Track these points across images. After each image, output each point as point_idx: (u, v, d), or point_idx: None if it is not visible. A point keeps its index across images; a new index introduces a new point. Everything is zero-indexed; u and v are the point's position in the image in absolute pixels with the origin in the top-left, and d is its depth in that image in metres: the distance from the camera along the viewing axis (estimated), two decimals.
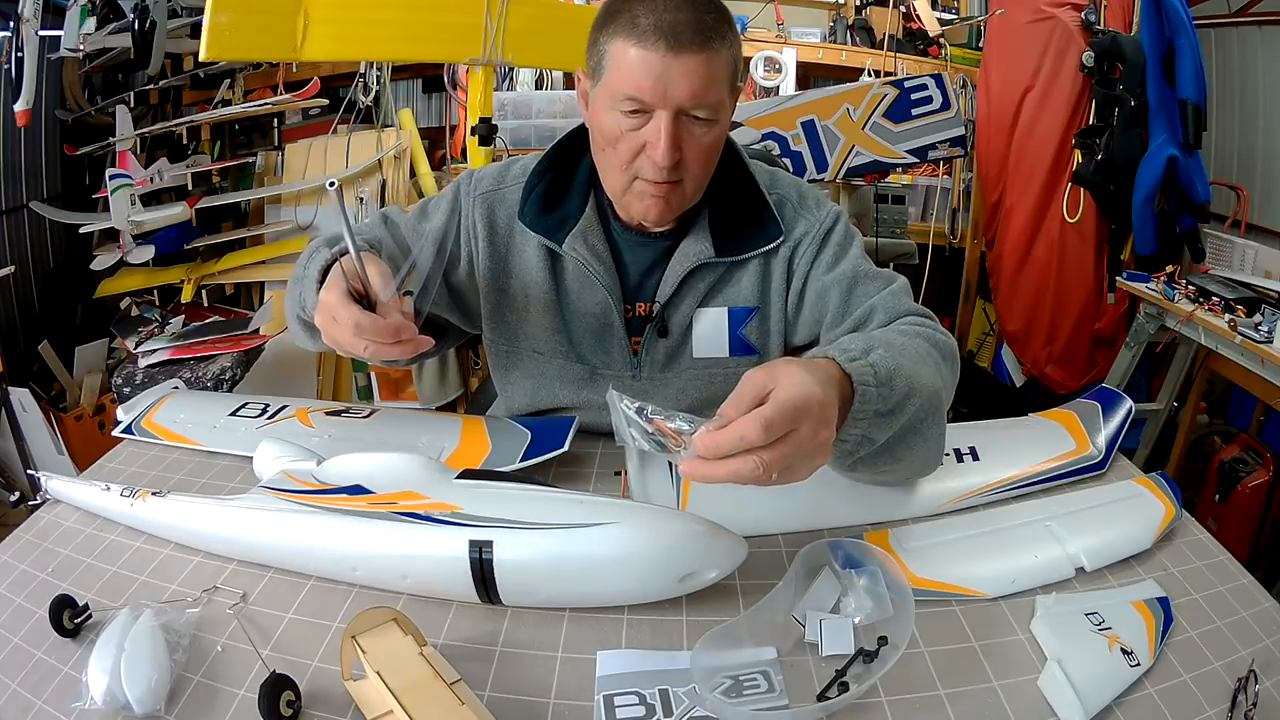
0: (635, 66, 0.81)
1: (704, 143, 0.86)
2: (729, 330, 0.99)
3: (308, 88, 2.73)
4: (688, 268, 0.96)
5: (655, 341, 0.99)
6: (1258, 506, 2.04)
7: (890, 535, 0.80)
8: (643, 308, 0.99)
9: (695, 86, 0.81)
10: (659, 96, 0.81)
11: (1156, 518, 0.82)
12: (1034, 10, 2.68)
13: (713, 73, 0.81)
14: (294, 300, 0.90)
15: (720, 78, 0.83)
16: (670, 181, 0.87)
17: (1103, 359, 2.71)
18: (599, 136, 0.89)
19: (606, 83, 0.85)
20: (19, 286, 2.68)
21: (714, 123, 0.85)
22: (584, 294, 0.98)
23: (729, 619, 0.67)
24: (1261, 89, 2.60)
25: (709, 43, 0.81)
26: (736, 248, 0.97)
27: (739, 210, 0.98)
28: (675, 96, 0.81)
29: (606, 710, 0.61)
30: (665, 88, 0.81)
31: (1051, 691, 0.62)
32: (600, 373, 1.01)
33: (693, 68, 0.80)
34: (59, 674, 0.64)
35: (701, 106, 0.83)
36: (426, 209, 1.04)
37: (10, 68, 2.34)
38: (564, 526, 0.68)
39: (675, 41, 0.79)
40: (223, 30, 1.47)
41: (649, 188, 0.88)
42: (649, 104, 0.82)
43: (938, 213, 3.29)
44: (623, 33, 0.81)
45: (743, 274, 0.99)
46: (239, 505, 0.76)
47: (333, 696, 0.62)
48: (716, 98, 0.83)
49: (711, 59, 0.81)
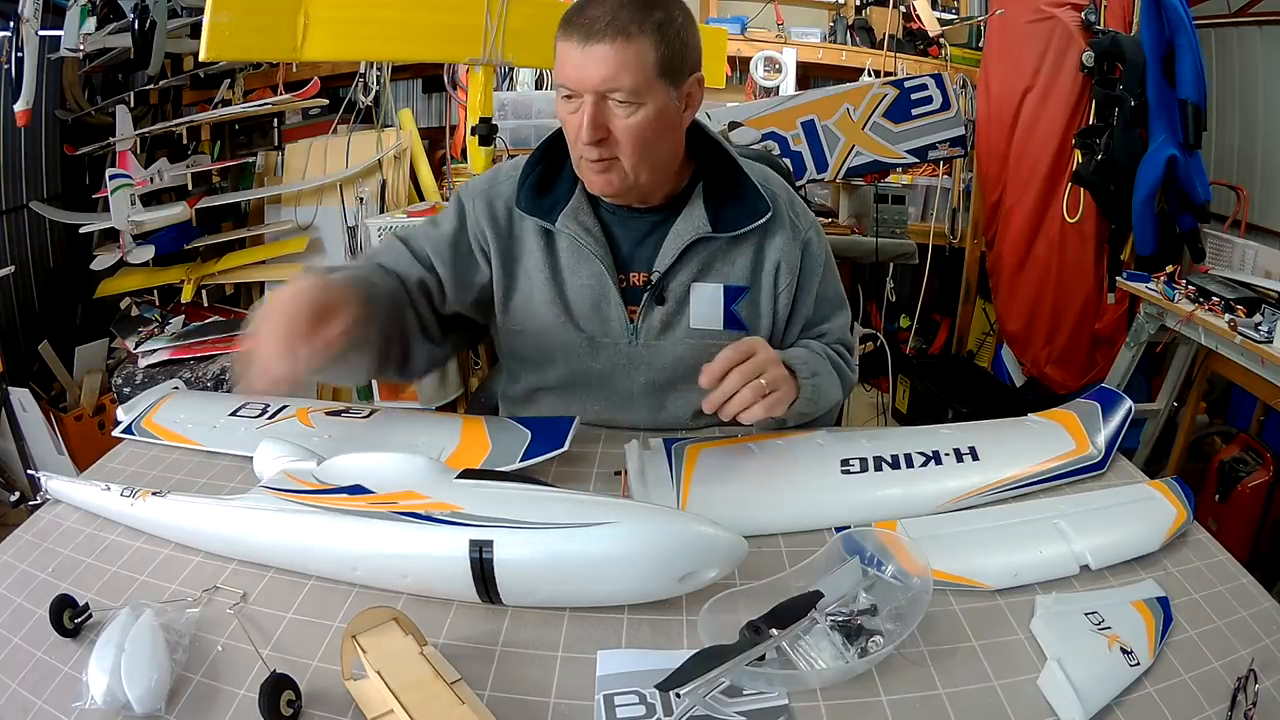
0: (562, 58, 0.94)
1: (629, 123, 0.94)
2: (724, 305, 1.07)
3: (308, 88, 2.73)
4: (688, 240, 1.03)
5: (652, 308, 1.06)
6: (1258, 506, 2.04)
7: (899, 526, 0.81)
8: (637, 278, 1.06)
9: (606, 72, 0.91)
10: (578, 81, 0.93)
11: (1166, 521, 0.82)
12: (1034, 10, 2.68)
13: (623, 59, 0.91)
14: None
15: (633, 65, 0.91)
16: (603, 159, 0.96)
17: (1103, 359, 2.71)
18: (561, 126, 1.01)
19: (554, 75, 0.97)
20: (19, 286, 2.68)
21: (637, 105, 0.93)
22: (579, 268, 1.05)
23: (729, 618, 0.67)
24: (1261, 89, 2.60)
25: (621, 32, 0.90)
26: (731, 223, 1.05)
27: (727, 188, 1.06)
28: (590, 81, 0.92)
29: (606, 710, 0.61)
30: (582, 74, 0.92)
31: (1051, 691, 0.62)
32: (598, 341, 1.07)
33: (603, 55, 0.90)
34: (59, 674, 0.64)
35: (616, 90, 0.92)
36: (435, 220, 1.11)
37: (10, 68, 2.33)
38: (564, 526, 0.68)
39: (587, 33, 0.90)
40: (223, 30, 1.47)
41: (586, 164, 0.98)
42: (574, 90, 0.93)
43: (938, 213, 3.30)
44: (560, 30, 0.94)
45: (737, 254, 1.07)
46: (239, 505, 0.76)
47: (333, 696, 0.62)
48: (632, 82, 0.92)
49: (622, 47, 0.90)
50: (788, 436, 0.97)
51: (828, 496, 0.87)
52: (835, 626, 0.66)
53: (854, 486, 0.88)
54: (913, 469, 0.90)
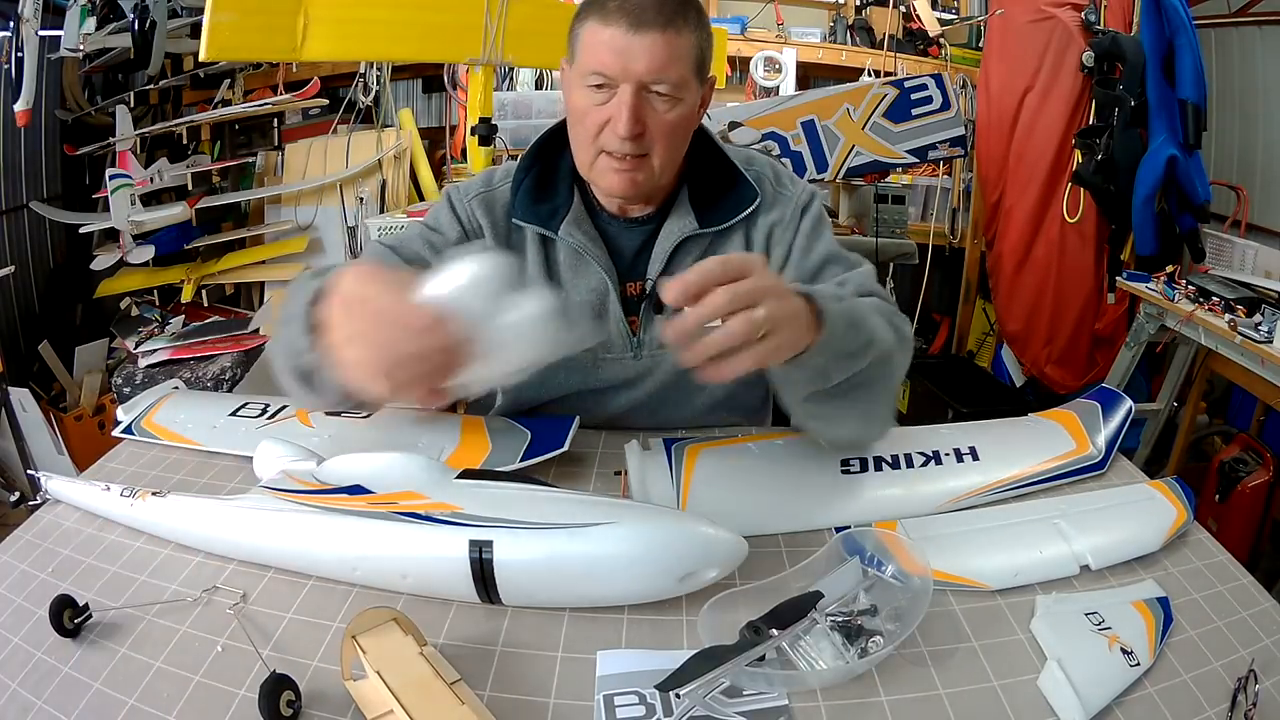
0: (601, 43, 0.87)
1: (667, 119, 0.90)
2: None
3: (308, 88, 2.74)
4: (674, 242, 1.00)
5: (652, 318, 1.03)
6: (1258, 506, 2.04)
7: (899, 526, 0.81)
8: (633, 288, 1.04)
9: (655, 62, 0.86)
10: (621, 70, 0.87)
11: (1167, 521, 0.82)
12: (1034, 10, 2.68)
13: (673, 51, 0.87)
14: (285, 347, 0.80)
15: (681, 58, 0.88)
16: (635, 155, 0.91)
17: (1103, 359, 2.71)
18: (571, 114, 0.95)
19: (578, 63, 0.91)
20: (19, 286, 2.69)
21: (677, 100, 0.90)
22: (579, 278, 1.01)
23: (729, 618, 0.67)
24: (1261, 89, 2.60)
25: (672, 22, 0.87)
26: (718, 217, 1.01)
27: (715, 184, 1.03)
28: (636, 71, 0.87)
29: (606, 710, 0.61)
30: (626, 62, 0.86)
31: (1051, 691, 0.62)
32: (601, 355, 1.04)
33: (652, 44, 0.86)
34: (59, 674, 0.64)
35: (662, 82, 0.88)
36: (429, 223, 1.05)
37: (10, 68, 2.34)
38: (564, 526, 0.68)
39: (638, 20, 0.86)
40: (223, 30, 1.47)
41: (614, 161, 0.92)
42: (613, 78, 0.88)
43: (938, 213, 3.30)
44: (593, 15, 0.88)
45: (727, 245, 1.03)
46: (239, 505, 0.76)
47: (333, 696, 0.62)
48: (678, 76, 0.88)
49: (672, 39, 0.87)
50: (788, 436, 0.97)
51: (828, 496, 0.87)
52: (835, 627, 0.66)
53: (854, 486, 0.88)
54: (913, 469, 0.90)
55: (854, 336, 0.75)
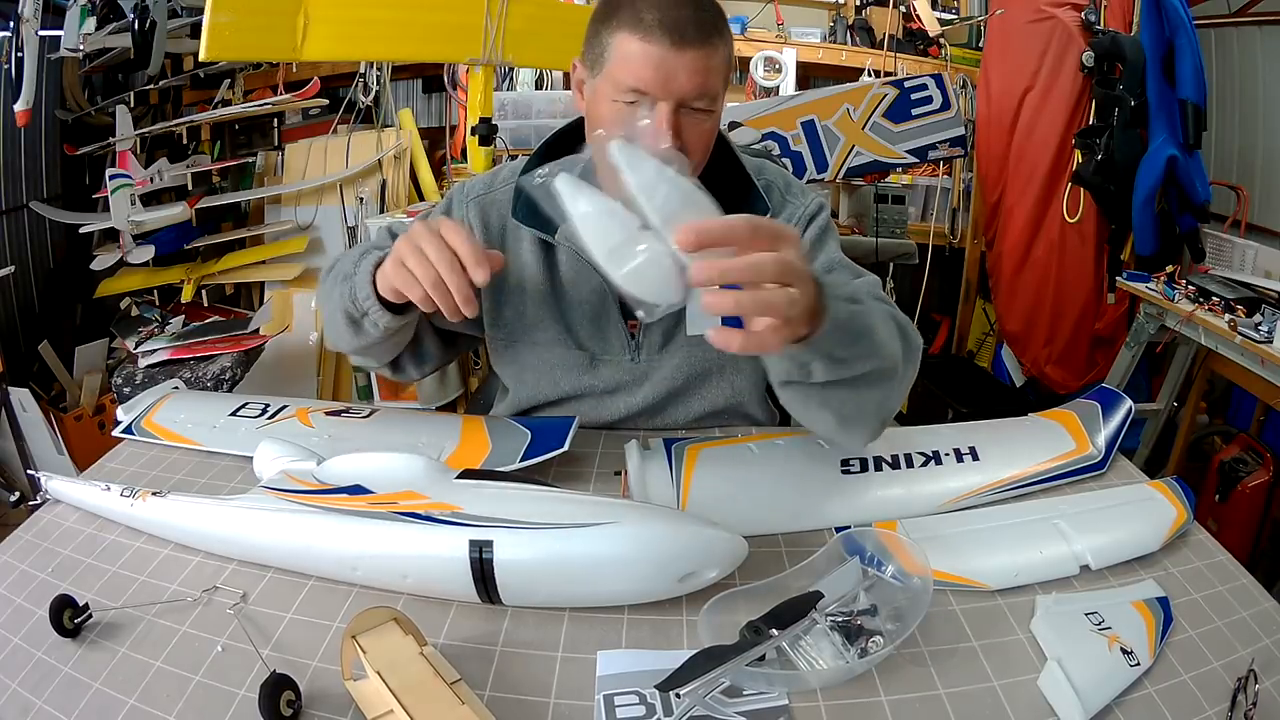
0: (639, 59, 0.85)
1: (703, 130, 0.90)
2: None
3: (308, 88, 2.73)
4: None
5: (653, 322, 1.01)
6: (1258, 506, 2.04)
7: (899, 526, 0.81)
8: None
9: (698, 80, 0.85)
10: (662, 87, 0.85)
11: (1167, 521, 0.82)
12: (1034, 10, 2.68)
13: (712, 66, 0.86)
14: (339, 295, 0.89)
15: (717, 70, 0.88)
16: None
17: (1103, 359, 2.71)
18: (595, 122, 0.93)
19: (608, 74, 0.88)
20: (19, 286, 2.69)
21: (711, 113, 0.90)
22: (579, 282, 1.01)
23: (729, 618, 0.67)
24: (1261, 89, 2.60)
25: (709, 38, 0.86)
26: None
27: (728, 193, 1.00)
28: (678, 89, 0.85)
29: (606, 710, 0.61)
30: (667, 80, 0.85)
31: (1051, 691, 0.62)
32: (600, 358, 1.03)
33: (694, 61, 0.85)
34: (59, 674, 0.64)
35: (702, 97, 0.87)
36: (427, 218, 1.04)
37: (10, 68, 2.34)
38: (564, 526, 0.68)
39: (680, 37, 0.84)
40: (223, 30, 1.47)
41: None
42: (653, 94, 0.86)
43: (938, 213, 3.29)
44: (626, 26, 0.85)
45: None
46: (239, 505, 0.76)
47: (333, 696, 0.62)
48: (715, 89, 0.88)
49: (710, 54, 0.86)
50: (788, 436, 0.97)
51: (828, 496, 0.87)
52: (835, 627, 0.66)
53: (854, 486, 0.88)
54: (913, 469, 0.90)
55: (850, 341, 0.73)
